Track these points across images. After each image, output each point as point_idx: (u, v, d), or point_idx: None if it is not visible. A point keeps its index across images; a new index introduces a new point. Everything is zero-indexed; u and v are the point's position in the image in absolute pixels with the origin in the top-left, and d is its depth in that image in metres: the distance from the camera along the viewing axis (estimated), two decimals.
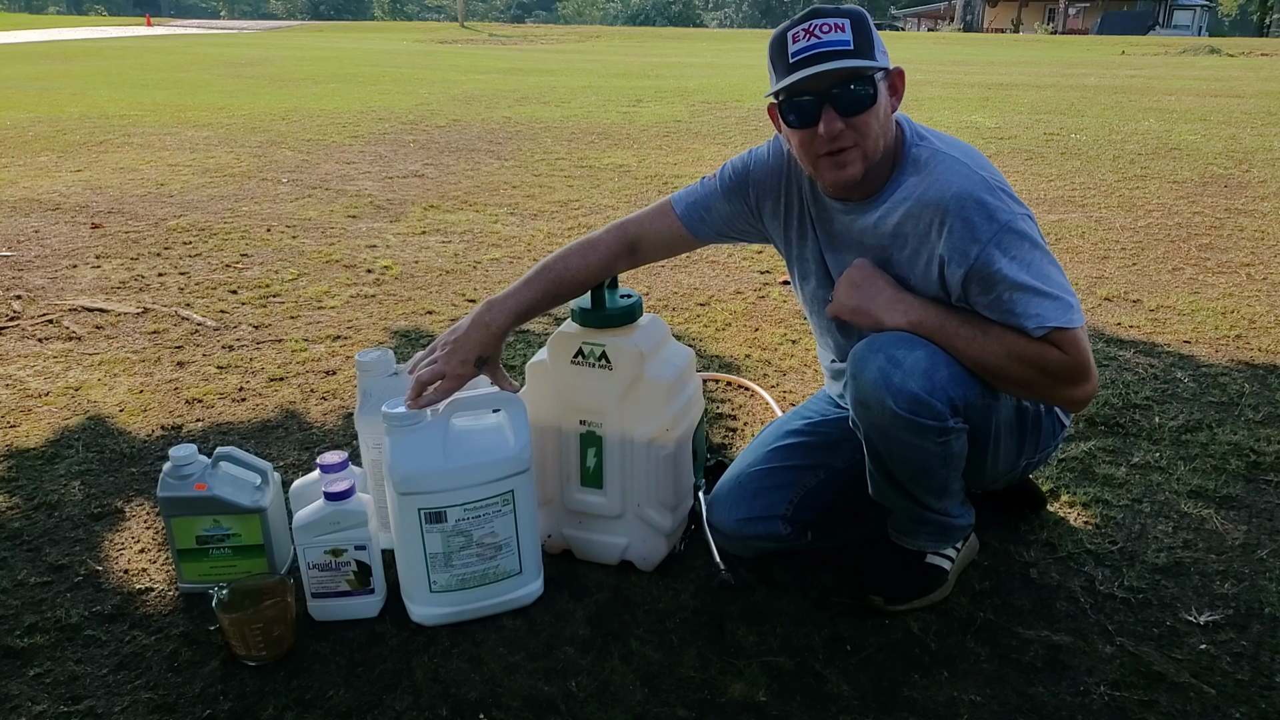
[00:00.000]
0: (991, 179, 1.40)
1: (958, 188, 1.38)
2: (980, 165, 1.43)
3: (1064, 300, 1.37)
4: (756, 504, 1.64)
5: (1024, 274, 1.36)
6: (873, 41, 1.36)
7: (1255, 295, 3.27)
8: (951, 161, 1.42)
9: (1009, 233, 1.36)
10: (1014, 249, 1.36)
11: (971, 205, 1.37)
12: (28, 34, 23.08)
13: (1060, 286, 1.38)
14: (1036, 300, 1.36)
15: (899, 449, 1.45)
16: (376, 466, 1.67)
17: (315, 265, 3.65)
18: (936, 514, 1.55)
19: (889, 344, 1.41)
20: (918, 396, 1.38)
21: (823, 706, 1.39)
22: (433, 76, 12.15)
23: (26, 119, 7.59)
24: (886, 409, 1.39)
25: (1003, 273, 1.36)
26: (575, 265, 1.63)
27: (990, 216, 1.36)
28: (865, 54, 1.35)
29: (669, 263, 3.69)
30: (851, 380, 1.45)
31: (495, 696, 1.41)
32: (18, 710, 1.39)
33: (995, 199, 1.38)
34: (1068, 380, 1.40)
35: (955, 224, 1.37)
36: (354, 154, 6.15)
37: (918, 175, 1.43)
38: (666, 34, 33.40)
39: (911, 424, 1.40)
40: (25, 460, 2.13)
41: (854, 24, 1.35)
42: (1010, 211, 1.38)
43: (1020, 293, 1.36)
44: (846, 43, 1.34)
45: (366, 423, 1.67)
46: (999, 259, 1.35)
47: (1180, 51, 19.51)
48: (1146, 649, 1.50)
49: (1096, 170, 5.56)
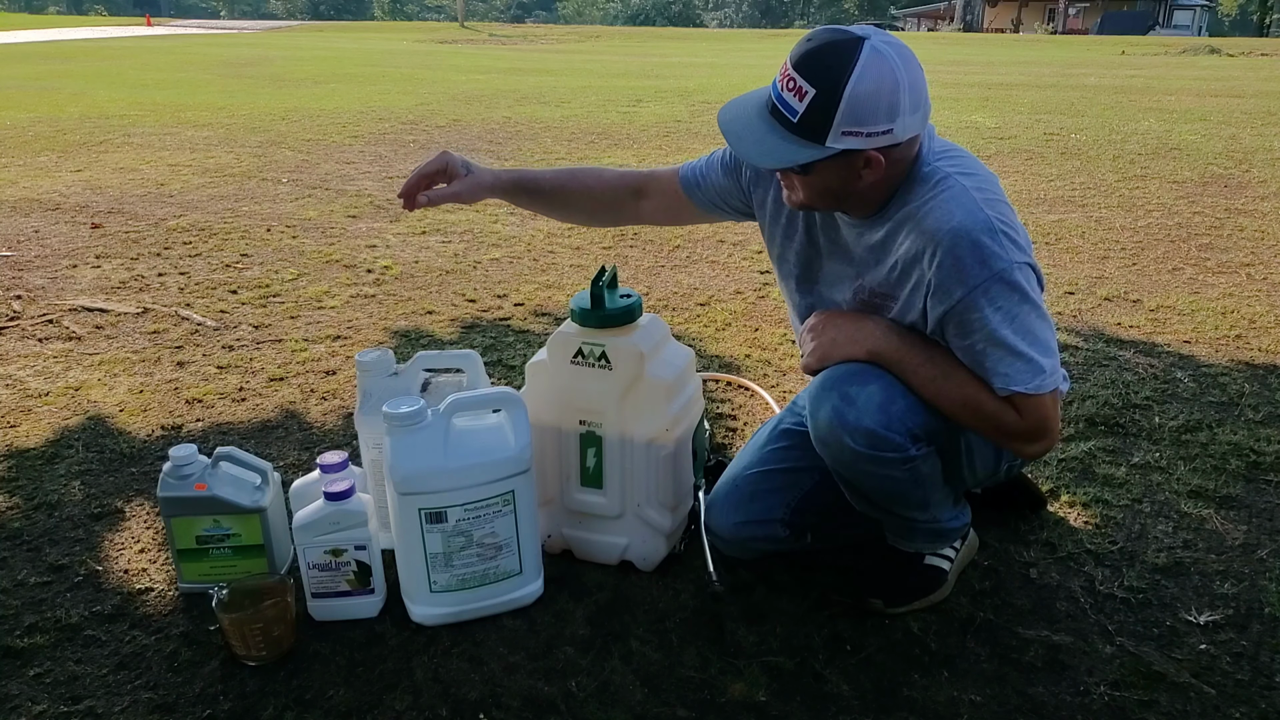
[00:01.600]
0: (998, 219, 1.32)
1: (958, 222, 1.31)
2: (990, 201, 1.34)
3: (1037, 364, 1.32)
4: (754, 507, 1.64)
5: (1004, 328, 1.31)
6: (827, 122, 1.25)
7: (1255, 295, 3.27)
8: (960, 192, 1.34)
9: (999, 282, 1.30)
10: (1001, 299, 1.30)
11: (966, 245, 1.30)
12: (28, 34, 23.08)
13: (1041, 346, 1.33)
14: (1009, 360, 1.32)
15: (867, 479, 1.46)
16: (376, 466, 1.67)
17: (315, 265, 3.65)
18: (925, 524, 1.55)
19: (841, 380, 1.40)
20: (874, 432, 1.37)
21: (823, 706, 1.39)
22: (433, 76, 12.15)
23: (26, 119, 7.59)
24: (845, 447, 1.39)
25: (983, 322, 1.31)
26: (589, 169, 1.74)
27: (983, 261, 1.29)
28: (808, 135, 1.27)
29: (669, 262, 3.69)
30: (809, 419, 1.44)
31: (495, 696, 1.41)
32: (18, 710, 1.39)
33: (994, 243, 1.30)
34: (1021, 438, 1.39)
35: (946, 260, 1.31)
36: (354, 154, 6.15)
37: (922, 197, 1.36)
38: (666, 34, 33.41)
39: (873, 458, 1.39)
40: (25, 460, 2.13)
41: (816, 98, 1.25)
42: (1006, 259, 1.30)
43: (995, 348, 1.32)
44: (793, 113, 1.28)
45: (367, 423, 1.67)
46: (983, 307, 1.30)
47: (1180, 51, 19.52)
48: (1146, 649, 1.50)
49: (1096, 170, 5.56)
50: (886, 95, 1.25)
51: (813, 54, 1.26)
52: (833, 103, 1.24)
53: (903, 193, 1.39)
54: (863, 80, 1.23)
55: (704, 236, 4.09)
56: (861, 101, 1.24)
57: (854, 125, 1.26)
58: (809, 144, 1.29)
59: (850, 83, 1.23)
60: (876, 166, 1.32)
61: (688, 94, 10.04)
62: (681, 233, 4.13)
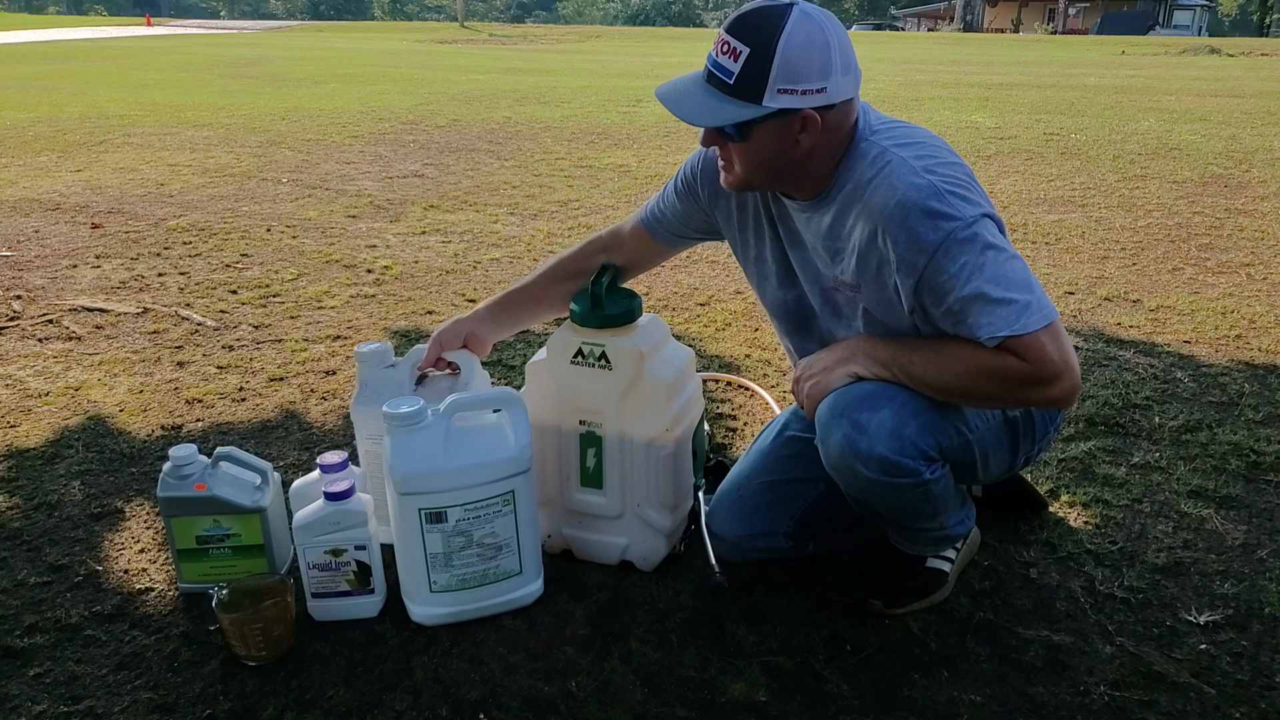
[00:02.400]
0: (942, 181, 1.30)
1: (900, 195, 1.30)
2: (931, 166, 1.32)
3: (1017, 303, 1.27)
4: (758, 520, 1.63)
5: (973, 281, 1.27)
6: (763, 80, 1.27)
7: (1255, 295, 3.27)
8: (898, 164, 1.32)
9: (955, 242, 1.28)
10: (962, 255, 1.28)
11: (915, 215, 1.29)
12: (28, 34, 23.08)
13: (1018, 286, 1.28)
14: (987, 309, 1.27)
15: (879, 502, 1.45)
16: (371, 457, 1.69)
17: (315, 265, 3.65)
18: (932, 530, 1.55)
19: (852, 407, 1.38)
20: (887, 459, 1.36)
21: (823, 706, 1.39)
22: (433, 76, 12.15)
23: (26, 119, 7.59)
24: (859, 475, 1.38)
25: (952, 282, 1.28)
26: (551, 262, 1.76)
27: (936, 225, 1.28)
28: (745, 94, 1.29)
29: (669, 262, 3.69)
30: (820, 445, 1.43)
31: (495, 696, 1.41)
32: (18, 710, 1.39)
33: (943, 204, 1.29)
34: (1036, 383, 1.30)
35: (899, 234, 1.30)
36: (354, 154, 6.15)
37: (862, 175, 1.35)
38: (666, 34, 33.41)
39: (888, 484, 1.39)
40: (25, 460, 2.13)
41: (751, 56, 1.27)
42: (958, 216, 1.28)
43: (970, 303, 1.28)
44: (729, 74, 1.29)
45: (362, 413, 1.69)
46: (947, 269, 1.28)
47: (1180, 51, 19.52)
48: (1146, 649, 1.50)
49: (1096, 170, 5.56)
50: (818, 53, 1.28)
51: (743, 18, 1.30)
52: (767, 60, 1.27)
53: (844, 170, 1.38)
54: (794, 37, 1.26)
55: None
56: (794, 58, 1.27)
57: (788, 83, 1.28)
58: (746, 103, 1.30)
59: (782, 40, 1.26)
60: (813, 128, 1.32)
61: None
62: None
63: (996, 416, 1.48)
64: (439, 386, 1.68)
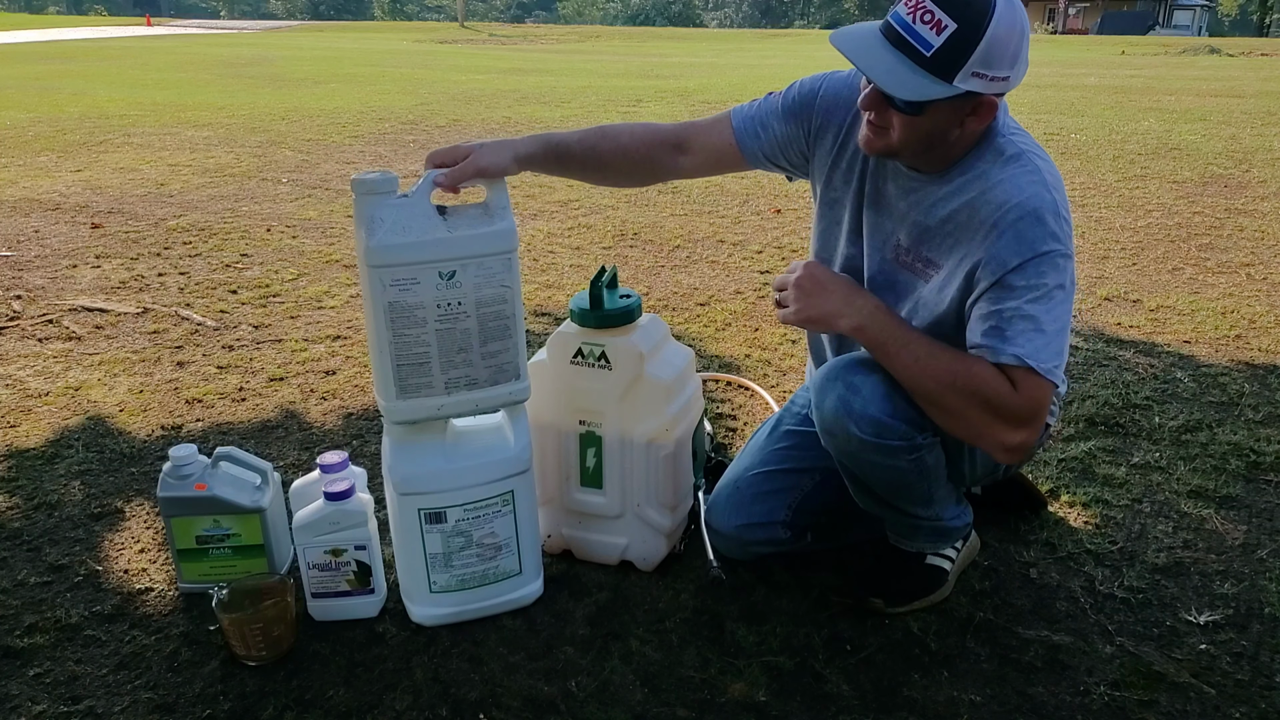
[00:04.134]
0: (1062, 205, 1.32)
1: (1025, 197, 1.30)
2: (1056, 185, 1.34)
3: (1055, 348, 1.30)
4: (756, 510, 1.63)
5: (1039, 305, 1.28)
6: (963, 60, 1.21)
7: (1255, 295, 3.27)
8: (1033, 170, 1.33)
9: (1050, 262, 1.29)
10: (1045, 277, 1.29)
11: (1031, 220, 1.29)
12: (28, 34, 23.07)
13: (1061, 337, 1.31)
14: (1034, 334, 1.28)
15: (872, 470, 1.45)
16: (396, 308, 1.38)
17: (315, 265, 3.65)
18: (928, 521, 1.55)
19: (846, 370, 1.39)
20: (880, 420, 1.37)
21: (823, 706, 1.39)
22: (433, 76, 12.14)
23: (26, 119, 7.59)
24: (852, 436, 1.39)
25: (1021, 293, 1.29)
26: (619, 125, 1.61)
27: (1045, 237, 1.29)
28: (940, 70, 1.22)
29: (669, 262, 3.69)
30: (814, 409, 1.44)
31: (495, 696, 1.41)
32: (18, 710, 1.39)
33: (1058, 224, 1.30)
34: (1007, 419, 1.30)
35: (1008, 231, 1.30)
36: (354, 154, 6.15)
37: (995, 166, 1.34)
38: (666, 34, 33.40)
39: (879, 447, 1.39)
40: (25, 460, 2.13)
41: (957, 33, 1.20)
42: (1063, 242, 1.30)
43: (1025, 320, 1.29)
44: (927, 46, 1.22)
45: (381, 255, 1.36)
46: (1028, 278, 1.28)
47: (1180, 51, 19.52)
48: (1146, 649, 1.50)
49: (1096, 170, 5.56)
50: (1016, 39, 1.23)
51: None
52: (973, 41, 1.20)
53: (973, 157, 1.36)
54: (1002, 21, 1.20)
55: (704, 236, 4.09)
56: (998, 43, 1.21)
57: (984, 67, 1.23)
58: (938, 80, 1.23)
59: (992, 22, 1.20)
60: (985, 114, 1.29)
61: (688, 94, 10.04)
62: (681, 233, 4.14)
63: None
64: (466, 218, 1.41)
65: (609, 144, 1.59)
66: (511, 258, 1.42)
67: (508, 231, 1.41)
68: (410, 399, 1.43)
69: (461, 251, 1.38)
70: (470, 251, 1.38)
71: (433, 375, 1.41)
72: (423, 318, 1.38)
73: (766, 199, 4.74)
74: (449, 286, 1.38)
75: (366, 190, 1.36)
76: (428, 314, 1.38)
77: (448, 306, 1.39)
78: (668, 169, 1.61)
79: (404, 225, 1.35)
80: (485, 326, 1.42)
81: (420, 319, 1.38)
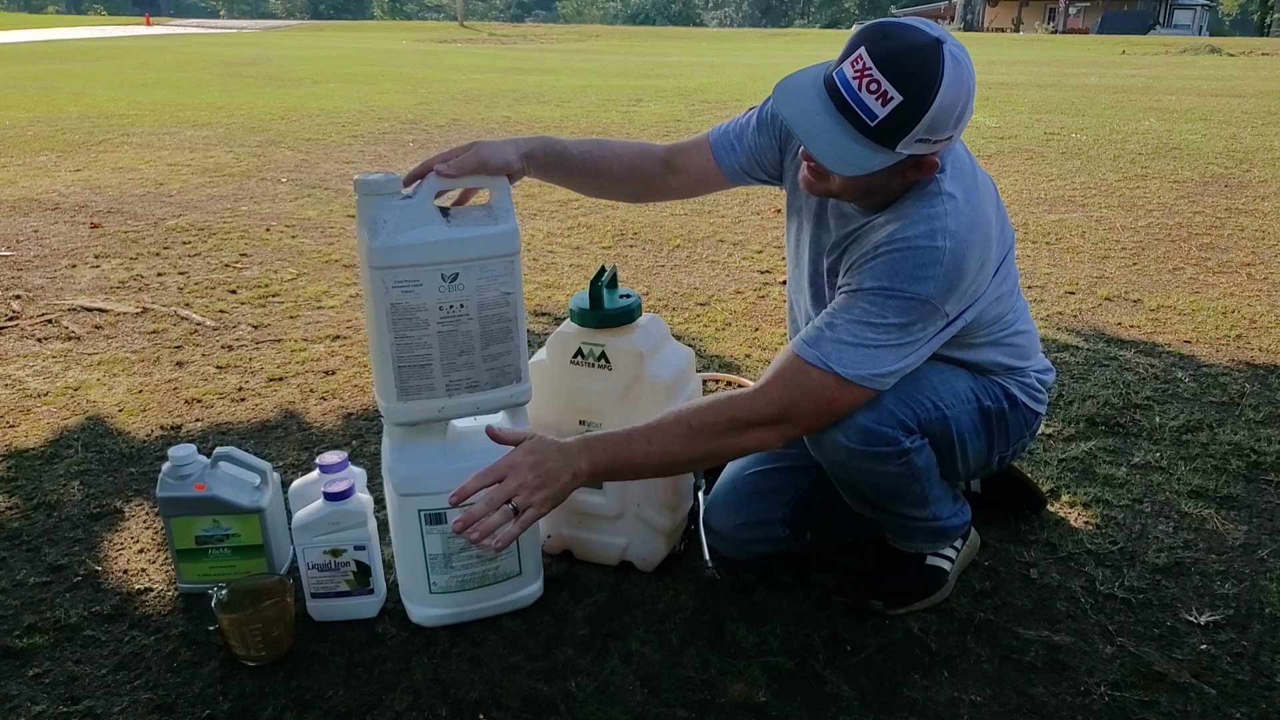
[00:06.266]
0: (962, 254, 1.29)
1: (916, 234, 1.29)
2: (963, 232, 1.29)
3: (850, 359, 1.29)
4: (753, 508, 1.63)
5: (866, 322, 1.29)
6: (907, 131, 1.21)
7: (1256, 295, 3.27)
8: (940, 214, 1.30)
9: (912, 302, 1.28)
10: (893, 315, 1.29)
11: (907, 256, 1.28)
12: (27, 34, 23.07)
13: (870, 362, 1.29)
14: (838, 340, 1.30)
15: (863, 478, 1.45)
16: (399, 310, 1.37)
17: (315, 265, 3.65)
18: (925, 522, 1.55)
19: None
20: (867, 428, 1.37)
21: (823, 706, 1.39)
22: (432, 76, 12.14)
23: (26, 119, 7.59)
24: (840, 446, 1.39)
25: (860, 304, 1.30)
26: (617, 141, 1.64)
27: (916, 279, 1.27)
28: (884, 140, 1.22)
29: (669, 262, 3.69)
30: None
31: (495, 696, 1.41)
32: (17, 710, 1.39)
33: (932, 271, 1.28)
34: (759, 421, 1.33)
35: (883, 258, 1.30)
36: (354, 154, 6.15)
37: (914, 204, 1.33)
38: (666, 33, 33.41)
39: (867, 454, 1.39)
40: (25, 460, 2.13)
41: (903, 106, 1.18)
42: (932, 292, 1.28)
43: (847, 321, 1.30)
44: (871, 116, 1.20)
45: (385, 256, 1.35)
46: (877, 308, 1.29)
47: (1181, 51, 19.53)
48: (1147, 649, 1.50)
49: (1097, 170, 5.56)
50: (963, 102, 1.22)
51: (899, 56, 1.19)
52: (919, 112, 1.19)
53: (905, 195, 1.36)
54: (949, 89, 1.19)
55: (704, 236, 4.09)
56: (944, 111, 1.20)
57: (929, 134, 1.22)
58: (881, 149, 1.23)
59: (940, 91, 1.18)
60: (927, 170, 1.30)
61: (687, 93, 10.04)
62: (681, 232, 4.13)
63: (971, 400, 1.49)
64: (468, 220, 1.42)
65: (605, 152, 1.63)
66: (514, 260, 1.42)
67: (510, 234, 1.41)
68: (411, 401, 1.42)
69: (464, 254, 1.38)
70: (473, 254, 1.38)
71: (434, 377, 1.41)
72: (425, 320, 1.38)
73: (767, 199, 4.74)
74: (451, 288, 1.38)
75: (369, 191, 1.34)
76: (430, 316, 1.38)
77: (450, 308, 1.39)
78: (659, 187, 1.65)
79: (407, 226, 1.35)
80: (487, 329, 1.42)
81: (422, 321, 1.38)
